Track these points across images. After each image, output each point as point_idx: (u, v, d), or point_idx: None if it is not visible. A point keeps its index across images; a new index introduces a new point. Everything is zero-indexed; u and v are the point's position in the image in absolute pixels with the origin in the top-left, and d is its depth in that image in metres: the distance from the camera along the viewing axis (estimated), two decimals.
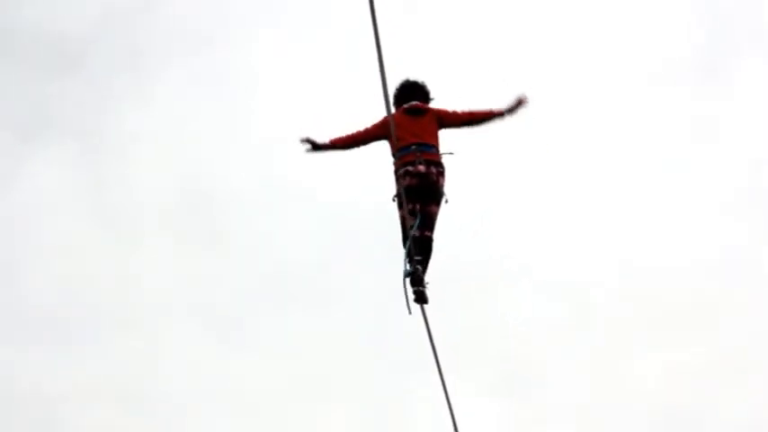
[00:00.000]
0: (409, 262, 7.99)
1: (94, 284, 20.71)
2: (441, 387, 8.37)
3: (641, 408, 19.07)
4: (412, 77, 8.47)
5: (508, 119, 8.32)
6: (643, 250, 20.63)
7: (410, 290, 7.99)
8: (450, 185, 8.25)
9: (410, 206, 8.03)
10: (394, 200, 8.21)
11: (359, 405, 19.04)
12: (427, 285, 8.00)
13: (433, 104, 8.41)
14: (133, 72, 22.18)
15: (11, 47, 21.80)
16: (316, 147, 8.26)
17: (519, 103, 8.28)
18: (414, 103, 8.29)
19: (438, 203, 8.19)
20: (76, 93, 22.15)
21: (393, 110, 8.21)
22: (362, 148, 8.40)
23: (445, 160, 8.26)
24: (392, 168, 8.24)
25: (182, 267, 21.13)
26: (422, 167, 8.05)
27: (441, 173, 8.16)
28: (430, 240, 8.12)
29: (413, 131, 8.16)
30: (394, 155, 8.17)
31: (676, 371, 19.26)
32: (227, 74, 21.73)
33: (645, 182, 21.19)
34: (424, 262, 8.06)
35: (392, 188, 8.23)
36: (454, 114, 8.31)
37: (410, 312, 7.96)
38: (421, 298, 7.94)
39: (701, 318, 19.71)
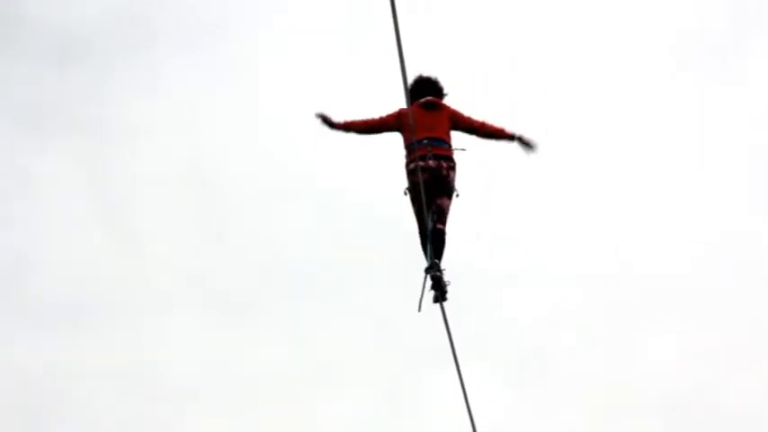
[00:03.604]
0: (429, 259, 8.16)
1: (99, 273, 20.81)
2: (455, 376, 8.44)
3: (653, 393, 19.16)
4: (425, 73, 8.61)
5: (514, 146, 8.51)
6: (650, 236, 20.74)
7: (428, 287, 8.13)
8: (461, 179, 8.42)
9: (421, 206, 8.16)
10: (405, 193, 8.37)
11: (372, 394, 19.17)
12: (448, 284, 8.13)
13: (448, 103, 8.56)
14: (138, 62, 22.18)
15: (15, 37, 21.80)
16: (329, 124, 8.36)
17: (528, 144, 8.46)
18: (430, 98, 8.44)
19: (450, 197, 8.34)
20: (81, 83, 22.17)
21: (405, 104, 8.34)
22: (374, 137, 8.54)
23: (457, 156, 8.42)
24: (403, 161, 8.40)
25: (187, 256, 21.22)
26: (432, 162, 8.20)
27: (451, 167, 8.32)
28: (443, 233, 8.25)
29: (426, 125, 8.28)
30: (406, 147, 8.29)
31: (687, 356, 19.36)
32: (233, 64, 21.78)
33: (651, 168, 21.26)
34: (439, 254, 8.18)
35: (403, 180, 8.38)
36: (468, 120, 8.48)
37: (420, 310, 8.12)
38: (442, 297, 8.08)
39: (711, 302, 19.80)
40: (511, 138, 8.45)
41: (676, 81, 21.41)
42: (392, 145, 8.50)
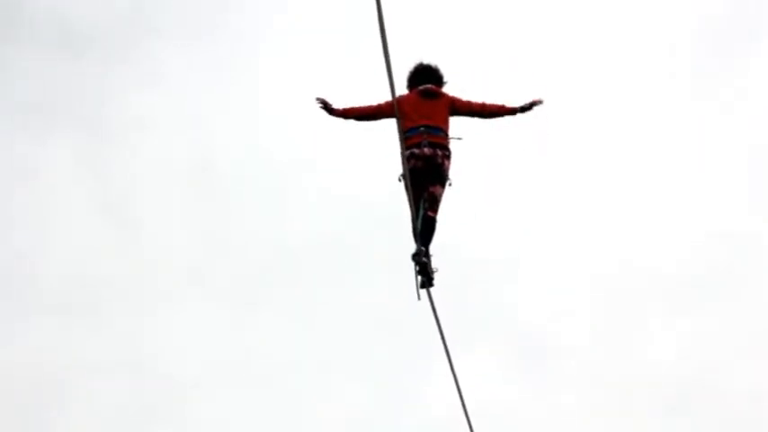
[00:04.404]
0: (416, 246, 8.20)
1: (103, 264, 20.89)
2: (458, 363, 8.51)
3: (653, 383, 19.25)
4: (425, 61, 8.63)
5: (519, 116, 8.50)
6: (655, 223, 20.81)
7: (417, 275, 8.21)
8: (457, 168, 8.46)
9: (414, 192, 8.19)
10: (400, 180, 8.37)
11: (374, 382, 19.26)
12: (436, 271, 8.20)
13: (447, 90, 8.56)
14: (139, 56, 22.25)
15: (16, 31, 21.85)
16: (328, 110, 8.44)
17: (533, 104, 8.45)
18: (429, 86, 8.46)
19: (443, 185, 8.37)
20: (82, 77, 22.22)
21: (406, 91, 8.49)
22: (372, 124, 8.56)
23: (453, 145, 8.43)
24: (399, 148, 8.32)
25: (189, 248, 21.30)
26: (427, 150, 8.24)
27: (446, 156, 8.34)
28: (433, 221, 8.29)
29: (424, 113, 8.34)
30: (403, 134, 8.28)
31: (689, 343, 19.45)
32: (234, 59, 21.85)
33: (652, 162, 21.34)
34: (427, 241, 8.24)
35: (399, 168, 8.35)
36: (467, 103, 8.47)
37: (419, 298, 8.21)
38: (428, 283, 8.17)
39: (714, 289, 19.90)
40: (513, 111, 8.45)
41: (676, 80, 21.51)
42: (390, 132, 8.49)
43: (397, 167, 8.36)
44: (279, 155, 20.50)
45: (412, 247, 8.27)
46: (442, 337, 8.44)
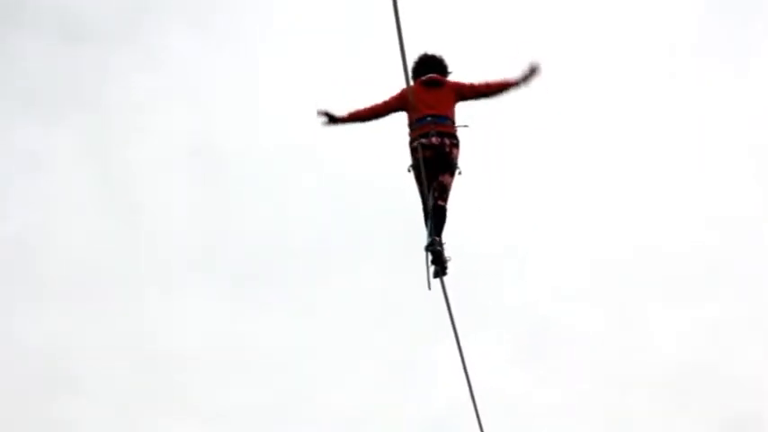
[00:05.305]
0: (429, 236, 8.15)
1: (106, 251, 20.91)
2: (465, 348, 8.52)
3: (659, 371, 19.36)
4: (429, 51, 8.58)
5: (523, 88, 8.38)
6: (662, 215, 20.93)
7: (430, 264, 8.16)
8: (465, 159, 8.40)
9: (426, 182, 8.17)
10: (409, 170, 8.36)
11: (375, 369, 19.31)
12: (449, 259, 8.15)
13: (451, 78, 8.51)
14: (140, 40, 22.25)
15: (18, 17, 21.82)
16: (332, 119, 8.33)
17: (532, 72, 8.34)
18: (431, 75, 8.42)
19: (452, 174, 8.31)
20: (83, 65, 22.21)
21: (410, 82, 8.40)
22: (380, 121, 8.48)
23: (460, 133, 8.38)
24: (407, 139, 8.36)
25: (193, 231, 21.35)
26: (435, 139, 8.19)
27: (454, 144, 8.28)
28: (444, 210, 8.25)
29: (429, 103, 8.28)
30: (410, 125, 8.33)
31: (695, 329, 19.60)
32: (235, 42, 21.86)
33: (659, 151, 21.46)
34: (439, 230, 8.18)
35: (407, 158, 8.36)
36: (471, 87, 8.42)
37: (429, 288, 8.18)
38: (442, 272, 8.12)
39: (720, 282, 20.04)
40: (516, 83, 8.33)
41: (676, 80, 21.63)
42: (396, 122, 8.49)
43: (406, 158, 8.36)
44: (280, 140, 20.53)
45: (417, 234, 8.27)
46: (453, 326, 8.43)
